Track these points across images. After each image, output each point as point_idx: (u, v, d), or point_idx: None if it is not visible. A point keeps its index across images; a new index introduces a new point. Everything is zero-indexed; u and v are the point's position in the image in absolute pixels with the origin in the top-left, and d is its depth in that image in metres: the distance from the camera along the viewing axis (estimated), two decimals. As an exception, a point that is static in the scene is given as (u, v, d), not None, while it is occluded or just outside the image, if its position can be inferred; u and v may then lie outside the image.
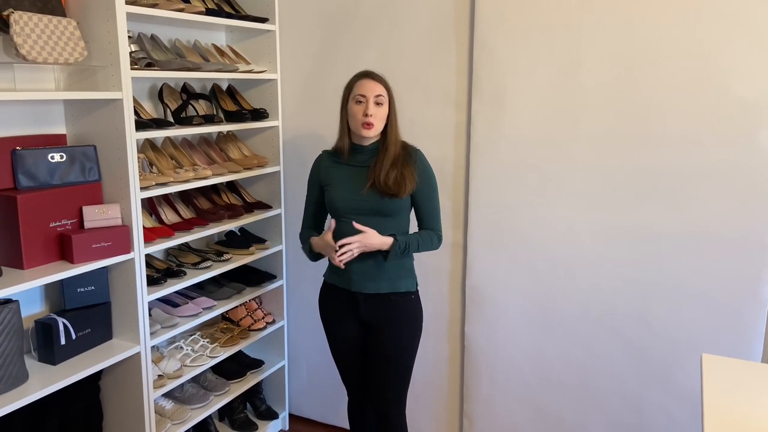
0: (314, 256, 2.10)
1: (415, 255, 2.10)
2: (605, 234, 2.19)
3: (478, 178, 2.35)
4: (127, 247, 1.97)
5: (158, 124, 2.13)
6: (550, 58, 2.17)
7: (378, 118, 1.95)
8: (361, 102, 1.94)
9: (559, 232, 2.26)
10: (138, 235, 2.00)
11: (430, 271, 2.52)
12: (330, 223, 2.02)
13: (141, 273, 2.03)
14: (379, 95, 1.94)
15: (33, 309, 2.01)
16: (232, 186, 2.69)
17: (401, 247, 1.94)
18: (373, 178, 1.96)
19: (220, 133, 2.62)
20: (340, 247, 1.91)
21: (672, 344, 2.14)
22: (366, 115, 1.93)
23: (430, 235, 2.03)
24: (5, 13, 1.67)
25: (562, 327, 2.31)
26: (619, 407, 2.25)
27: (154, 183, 2.06)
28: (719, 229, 2.02)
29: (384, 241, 1.93)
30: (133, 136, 1.93)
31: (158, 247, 2.11)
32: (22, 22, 1.69)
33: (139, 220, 1.99)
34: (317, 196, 2.12)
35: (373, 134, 1.96)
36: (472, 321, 2.46)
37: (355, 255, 1.92)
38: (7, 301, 1.74)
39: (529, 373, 2.39)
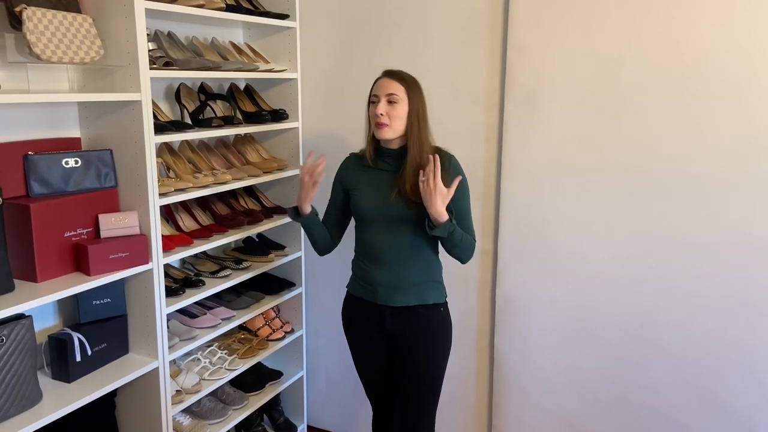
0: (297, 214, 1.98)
1: (443, 263, 1.99)
2: (645, 241, 2.07)
3: (509, 183, 2.24)
4: (146, 258, 1.86)
5: (177, 126, 2.02)
6: (588, 57, 2.05)
7: (392, 117, 1.82)
8: (374, 102, 1.85)
9: (596, 239, 2.14)
10: (157, 244, 1.89)
11: (456, 280, 2.40)
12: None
13: (160, 284, 1.92)
14: (392, 93, 1.82)
15: (45, 323, 1.90)
16: (249, 190, 2.58)
17: (451, 229, 1.78)
18: (399, 186, 1.85)
19: (237, 134, 2.51)
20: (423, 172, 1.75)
21: (716, 357, 2.03)
22: (376, 115, 1.82)
23: (467, 237, 1.90)
24: (17, 8, 1.56)
25: (598, 338, 2.19)
26: (658, 423, 2.14)
27: (173, 189, 1.95)
28: (770, 237, 1.91)
29: (442, 213, 1.75)
30: (152, 140, 1.82)
31: (177, 257, 2.00)
32: (36, 18, 1.58)
33: (158, 229, 1.88)
34: (341, 200, 2.01)
35: (388, 135, 1.84)
36: (502, 332, 2.36)
37: (430, 184, 1.72)
38: (19, 317, 1.63)
39: (563, 386, 2.28)
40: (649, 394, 2.14)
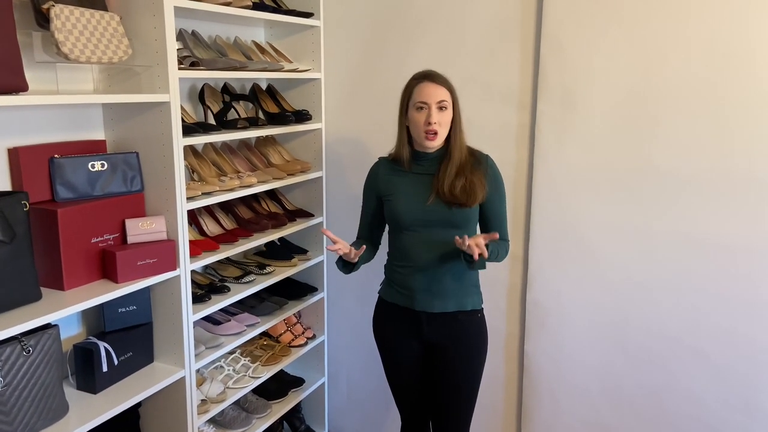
0: (345, 265, 1.88)
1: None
2: (685, 245, 2.01)
3: (542, 184, 2.18)
4: (173, 264, 1.80)
5: (203, 128, 1.96)
6: (629, 53, 1.99)
7: (442, 124, 1.76)
8: (422, 109, 1.75)
9: (633, 243, 2.08)
10: (184, 249, 1.83)
11: (485, 285, 2.29)
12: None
13: (186, 291, 1.86)
14: (443, 101, 1.75)
15: (69, 331, 1.84)
16: (271, 193, 2.52)
17: (492, 256, 1.78)
18: (437, 187, 1.79)
19: (258, 136, 2.44)
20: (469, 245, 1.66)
21: (760, 366, 1.96)
22: (429, 123, 1.74)
23: (503, 245, 1.86)
24: (45, 6, 1.50)
25: (635, 345, 2.13)
26: (698, 433, 2.08)
27: (200, 193, 1.88)
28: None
29: (484, 249, 1.71)
30: (180, 142, 1.76)
31: (204, 262, 1.94)
32: (63, 16, 1.52)
33: (185, 234, 1.82)
34: (374, 208, 1.95)
35: (437, 144, 1.79)
36: (532, 338, 2.29)
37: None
38: (45, 326, 1.57)
39: (598, 394, 2.22)
40: (688, 403, 2.08)
